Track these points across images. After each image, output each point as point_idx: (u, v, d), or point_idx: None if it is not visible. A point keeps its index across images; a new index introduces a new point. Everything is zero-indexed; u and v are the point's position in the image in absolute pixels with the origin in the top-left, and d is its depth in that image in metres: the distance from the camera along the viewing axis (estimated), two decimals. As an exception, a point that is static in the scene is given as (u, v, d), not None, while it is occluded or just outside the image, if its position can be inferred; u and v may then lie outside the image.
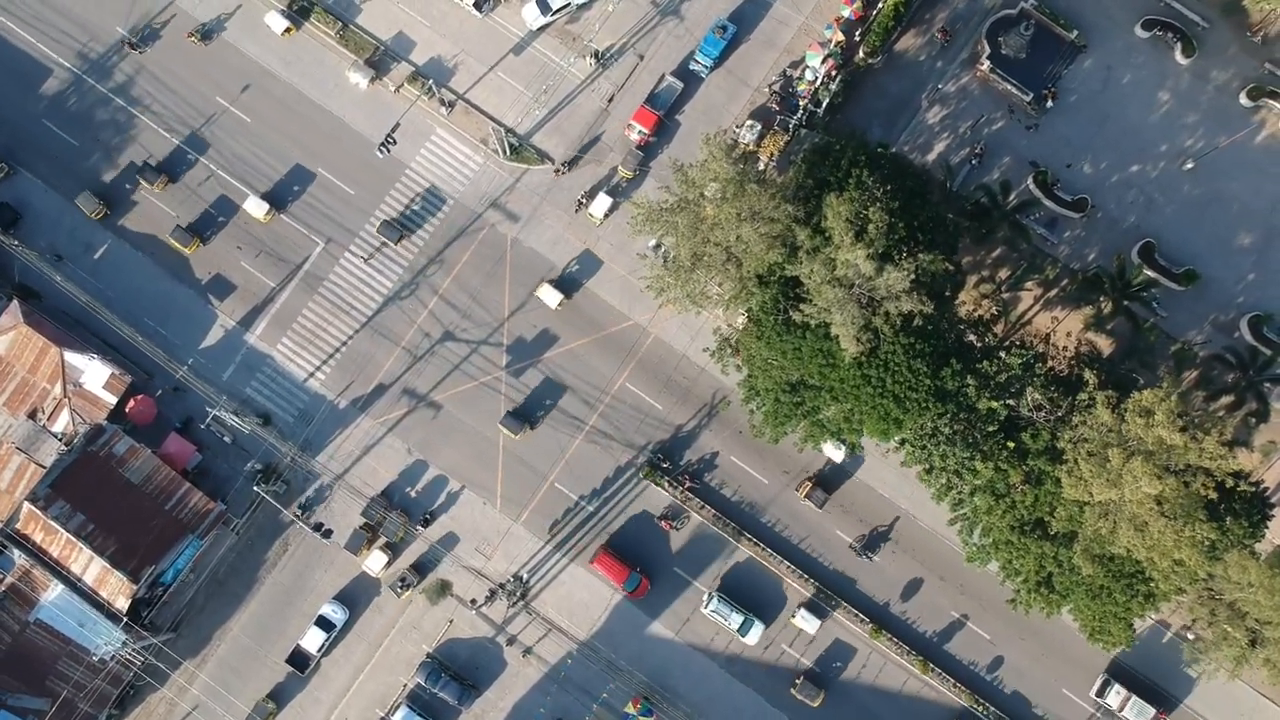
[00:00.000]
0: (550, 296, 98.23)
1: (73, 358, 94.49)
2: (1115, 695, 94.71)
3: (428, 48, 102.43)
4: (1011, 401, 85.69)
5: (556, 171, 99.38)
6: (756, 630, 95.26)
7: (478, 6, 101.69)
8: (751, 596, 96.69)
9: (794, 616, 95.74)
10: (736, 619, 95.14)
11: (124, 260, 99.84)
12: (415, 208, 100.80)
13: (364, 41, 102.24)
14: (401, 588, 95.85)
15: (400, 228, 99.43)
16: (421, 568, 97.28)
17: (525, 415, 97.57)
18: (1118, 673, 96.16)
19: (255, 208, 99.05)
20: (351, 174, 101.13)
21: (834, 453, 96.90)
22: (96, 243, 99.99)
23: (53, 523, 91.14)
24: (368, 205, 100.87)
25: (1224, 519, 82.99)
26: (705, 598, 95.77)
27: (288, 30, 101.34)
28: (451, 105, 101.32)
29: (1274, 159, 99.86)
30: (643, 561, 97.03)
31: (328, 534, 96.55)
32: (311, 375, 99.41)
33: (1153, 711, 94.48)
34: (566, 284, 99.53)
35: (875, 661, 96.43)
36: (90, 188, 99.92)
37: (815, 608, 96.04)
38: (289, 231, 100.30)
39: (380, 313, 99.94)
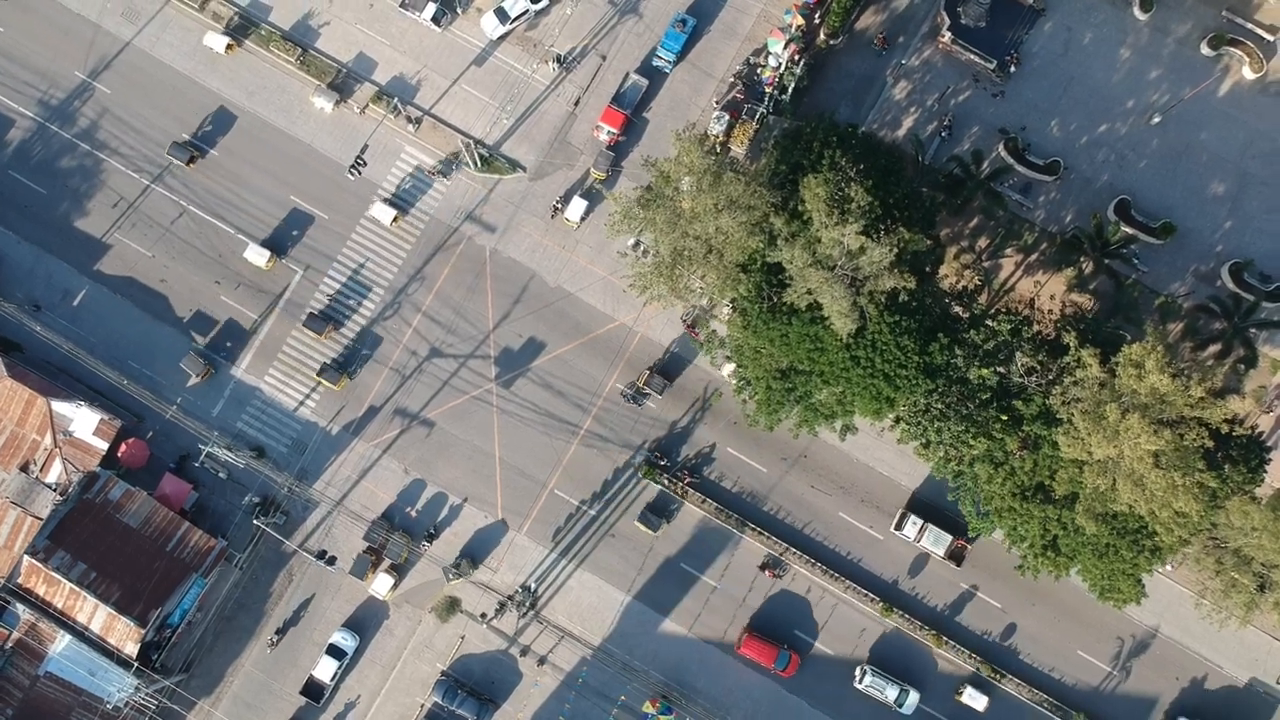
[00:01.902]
0: (384, 213, 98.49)
1: (60, 407, 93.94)
2: (912, 526, 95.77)
3: (389, 66, 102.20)
4: (1001, 370, 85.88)
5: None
6: (913, 700, 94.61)
7: (436, 21, 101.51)
8: (900, 664, 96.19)
9: (960, 694, 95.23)
10: (892, 691, 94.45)
11: (103, 305, 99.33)
12: (390, 227, 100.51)
13: (325, 65, 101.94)
14: (455, 574, 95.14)
15: (189, 148, 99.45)
16: (430, 581, 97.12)
17: (661, 511, 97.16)
18: (914, 506, 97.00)
19: (256, 256, 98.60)
20: (324, 199, 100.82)
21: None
22: (74, 289, 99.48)
23: (55, 574, 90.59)
24: (343, 229, 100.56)
25: (1222, 466, 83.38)
26: (859, 672, 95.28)
27: (229, 47, 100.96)
28: (418, 122, 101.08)
29: (1239, 105, 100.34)
30: (786, 639, 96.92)
31: (332, 561, 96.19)
32: (301, 404, 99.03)
33: (949, 538, 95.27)
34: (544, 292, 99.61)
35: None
36: (65, 236, 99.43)
37: (981, 683, 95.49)
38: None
39: (365, 336, 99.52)
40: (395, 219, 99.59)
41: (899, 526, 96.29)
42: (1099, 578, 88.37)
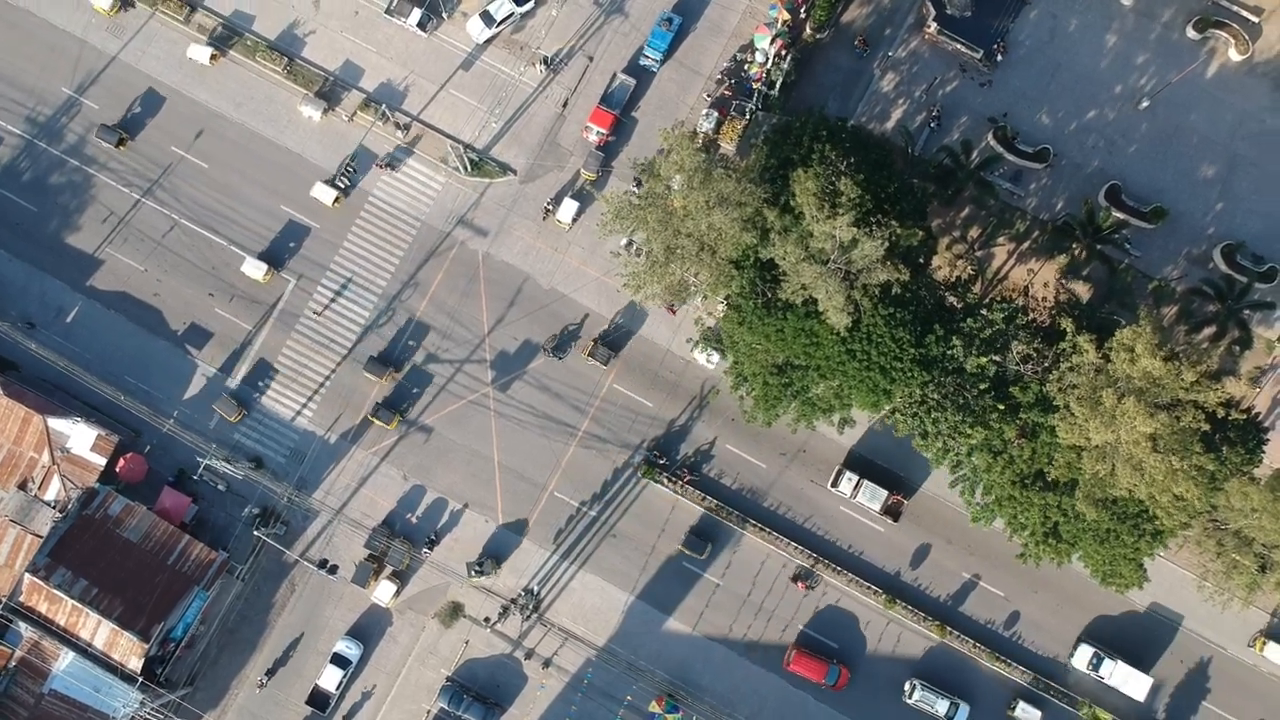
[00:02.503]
0: (325, 194, 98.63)
1: (57, 424, 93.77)
2: (847, 482, 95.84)
3: (377, 73, 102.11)
4: (998, 358, 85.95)
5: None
6: (963, 713, 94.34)
7: (422, 26, 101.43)
8: (948, 677, 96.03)
9: (1013, 709, 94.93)
10: (943, 705, 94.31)
11: (97, 320, 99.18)
12: (383, 232, 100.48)
13: (312, 74, 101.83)
14: (478, 572, 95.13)
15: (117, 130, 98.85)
16: (437, 587, 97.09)
17: (706, 535, 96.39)
18: (850, 462, 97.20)
19: (254, 269, 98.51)
20: (315, 208, 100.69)
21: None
22: (68, 306, 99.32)
23: (56, 591, 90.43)
24: (334, 237, 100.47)
25: (1220, 449, 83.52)
26: (908, 686, 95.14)
27: (214, 57, 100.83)
28: (407, 128, 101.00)
29: (1227, 87, 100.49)
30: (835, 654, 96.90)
31: (333, 570, 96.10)
32: (298, 413, 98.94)
33: (885, 494, 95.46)
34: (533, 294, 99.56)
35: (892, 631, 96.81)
36: (57, 253, 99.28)
37: (1033, 697, 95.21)
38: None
39: (360, 343, 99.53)
40: (336, 200, 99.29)
41: (834, 483, 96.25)
42: (1101, 563, 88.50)
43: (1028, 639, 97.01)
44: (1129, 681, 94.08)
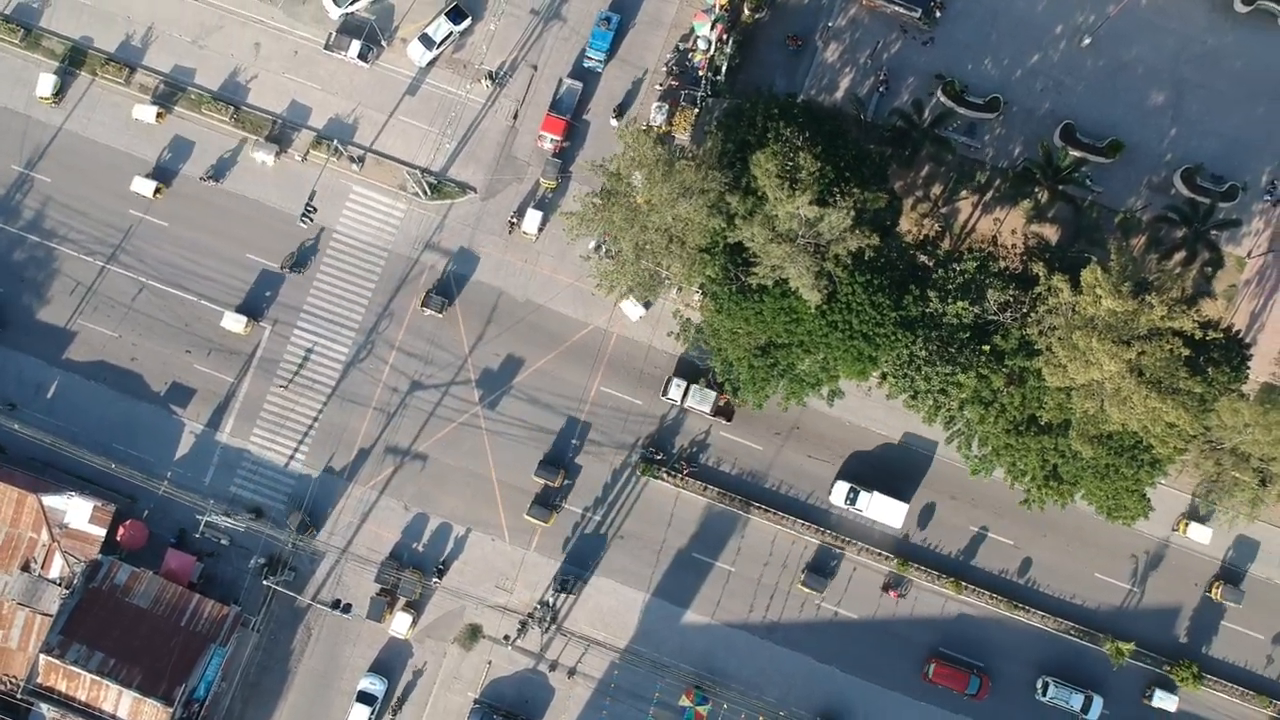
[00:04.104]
0: (144, 186, 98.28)
1: (51, 501, 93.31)
2: (676, 389, 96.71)
3: (324, 110, 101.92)
4: (976, 308, 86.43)
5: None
6: (1097, 706, 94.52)
7: (363, 58, 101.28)
8: (1077, 671, 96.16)
9: (1149, 698, 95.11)
10: (1077, 699, 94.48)
11: (78, 392, 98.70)
12: (352, 267, 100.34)
13: (260, 119, 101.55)
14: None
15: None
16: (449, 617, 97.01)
17: (823, 570, 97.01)
18: (680, 370, 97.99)
19: (233, 323, 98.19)
20: (280, 251, 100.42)
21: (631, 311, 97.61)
22: (46, 382, 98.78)
23: (73, 667, 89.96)
24: (305, 278, 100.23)
25: (1206, 370, 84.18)
26: (1040, 684, 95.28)
27: (160, 115, 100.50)
28: (361, 160, 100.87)
29: (1164, 14, 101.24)
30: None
31: (347, 609, 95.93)
32: (291, 458, 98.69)
33: (714, 395, 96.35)
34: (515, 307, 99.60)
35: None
36: (28, 330, 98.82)
37: (1167, 684, 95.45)
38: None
39: (343, 380, 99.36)
40: (157, 190, 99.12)
41: (665, 392, 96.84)
42: (1104, 499, 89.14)
43: (1043, 583, 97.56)
44: (886, 511, 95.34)
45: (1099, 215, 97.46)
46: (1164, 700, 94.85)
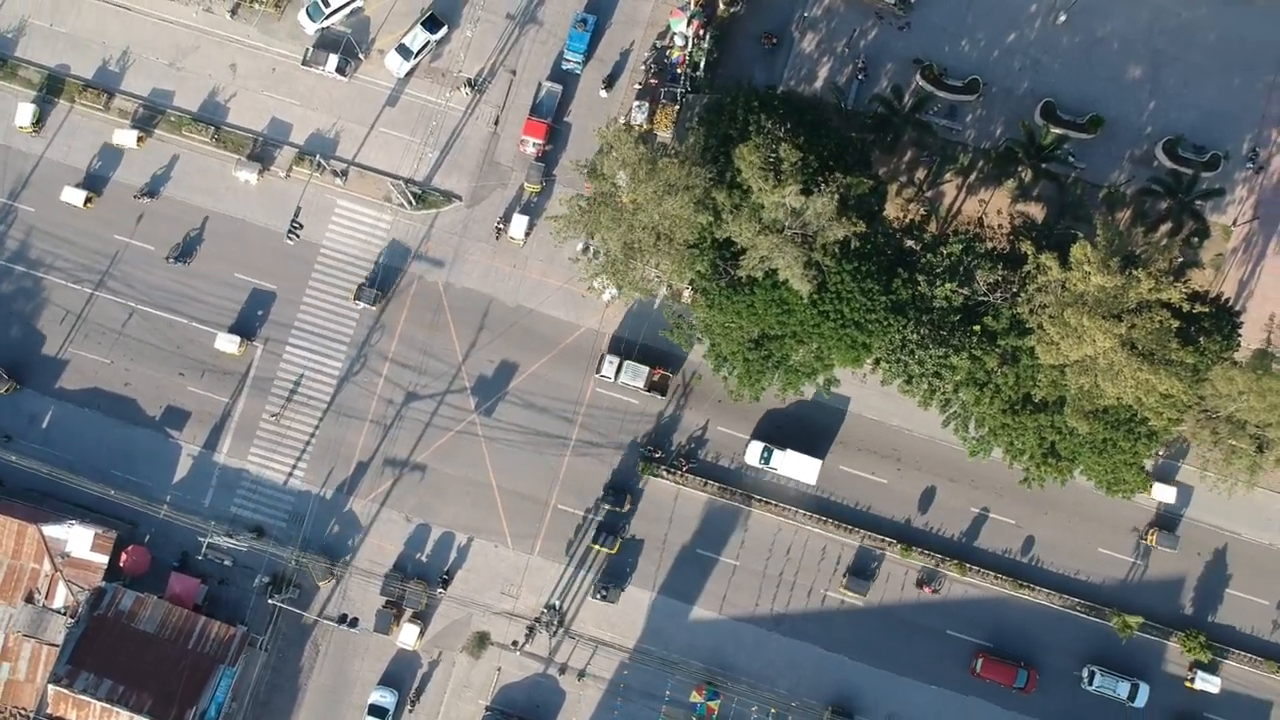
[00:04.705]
0: (75, 196, 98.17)
1: (52, 530, 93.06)
2: (609, 365, 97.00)
3: (305, 125, 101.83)
4: (965, 290, 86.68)
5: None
6: (1144, 693, 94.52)
7: (341, 71, 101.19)
8: (1121, 659, 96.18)
9: (1192, 681, 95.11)
10: (1123, 687, 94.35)
11: (73, 421, 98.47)
12: (341, 281, 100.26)
13: (240, 138, 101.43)
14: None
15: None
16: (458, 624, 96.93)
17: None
18: (612, 347, 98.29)
19: (227, 344, 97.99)
20: (269, 269, 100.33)
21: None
22: (40, 412, 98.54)
23: (82, 696, 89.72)
24: (294, 295, 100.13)
25: (1197, 340, 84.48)
26: (1086, 674, 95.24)
27: (140, 139, 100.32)
28: (345, 174, 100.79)
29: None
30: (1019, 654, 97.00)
31: (354, 623, 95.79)
32: (290, 475, 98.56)
33: (646, 370, 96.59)
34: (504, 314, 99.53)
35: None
36: (20, 361, 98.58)
37: (1209, 665, 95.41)
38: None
39: (338, 395, 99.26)
40: (88, 200, 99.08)
41: (598, 370, 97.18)
42: (1103, 473, 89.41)
43: (1047, 561, 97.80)
44: (799, 468, 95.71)
45: (1083, 191, 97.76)
46: (1206, 682, 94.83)
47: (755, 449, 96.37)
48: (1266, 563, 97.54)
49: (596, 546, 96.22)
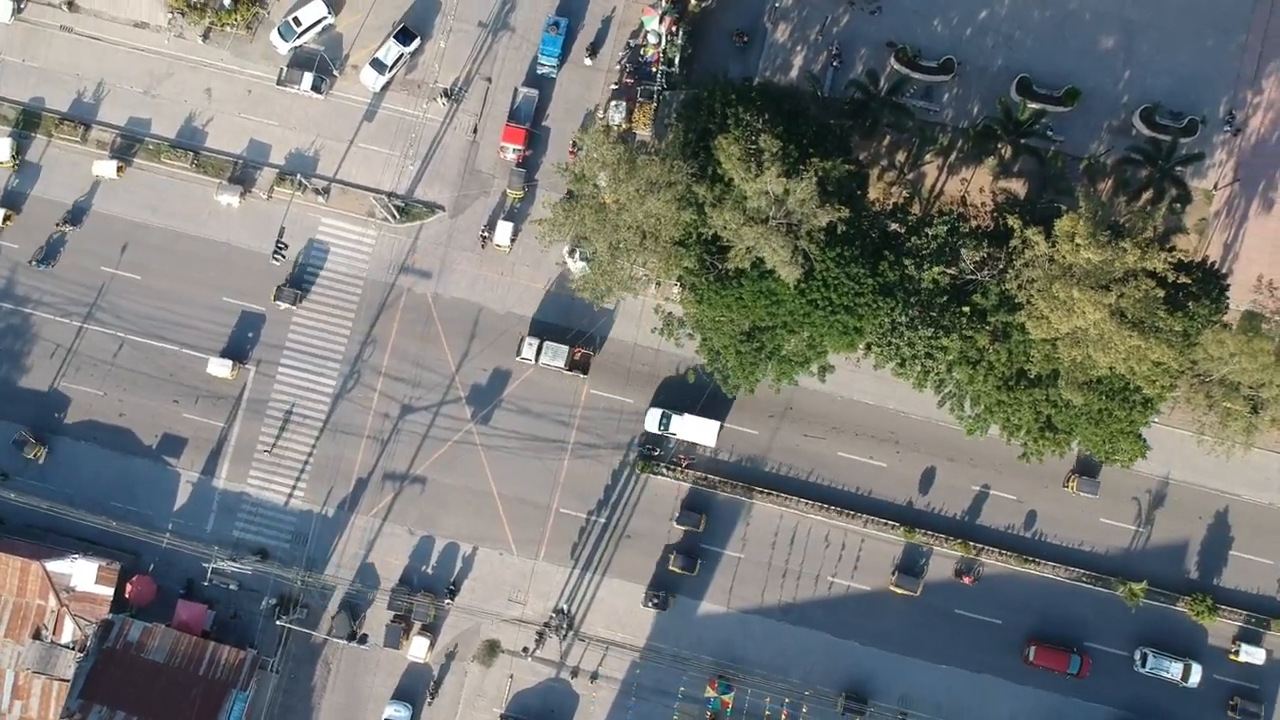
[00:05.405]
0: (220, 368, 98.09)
1: (55, 566, 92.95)
2: (529, 347, 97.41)
3: (284, 145, 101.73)
4: (952, 271, 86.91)
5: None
6: (1197, 672, 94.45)
7: (316, 89, 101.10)
8: (1173, 638, 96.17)
9: (1236, 654, 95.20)
10: (1176, 668, 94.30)
11: (69, 455, 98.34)
12: (329, 299, 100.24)
13: (220, 162, 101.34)
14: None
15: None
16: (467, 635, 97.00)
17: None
18: (533, 330, 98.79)
19: (219, 368, 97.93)
20: (255, 292, 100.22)
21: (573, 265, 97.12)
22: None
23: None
24: (283, 315, 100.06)
25: (1186, 305, 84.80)
26: (1138, 656, 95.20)
27: (120, 169, 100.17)
28: (326, 191, 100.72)
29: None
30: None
31: (364, 639, 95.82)
32: (290, 496, 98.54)
33: (566, 349, 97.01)
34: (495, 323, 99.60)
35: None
36: (12, 399, 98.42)
37: (1251, 636, 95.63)
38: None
39: (334, 412, 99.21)
40: (7, 218, 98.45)
41: (519, 353, 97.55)
42: (1100, 443, 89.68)
43: (1050, 535, 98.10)
44: (698, 431, 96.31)
45: (1064, 164, 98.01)
46: (1251, 654, 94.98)
47: (654, 416, 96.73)
48: (1267, 523, 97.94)
49: (677, 570, 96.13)
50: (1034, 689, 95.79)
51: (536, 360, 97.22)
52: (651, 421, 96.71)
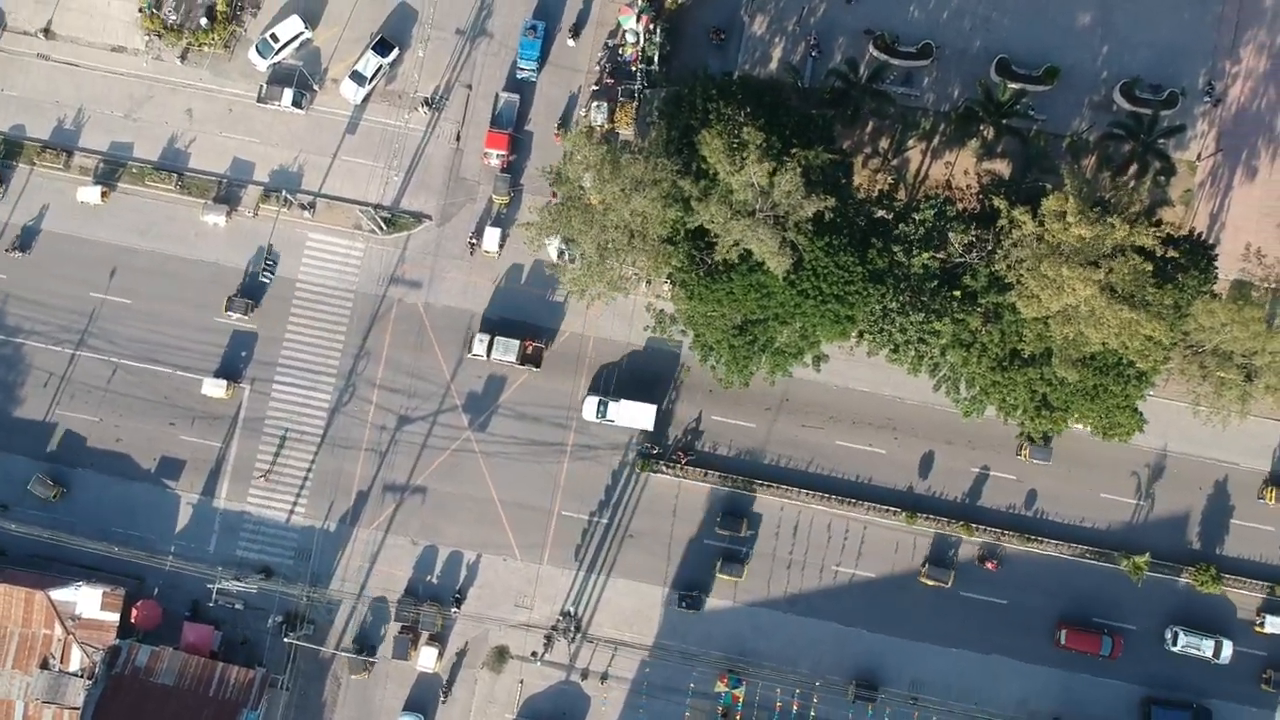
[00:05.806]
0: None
1: (59, 594, 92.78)
2: (480, 344, 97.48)
3: (267, 162, 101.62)
4: (941, 255, 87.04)
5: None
6: (1228, 648, 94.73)
7: (297, 104, 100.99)
8: (1203, 618, 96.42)
9: (1261, 626, 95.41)
10: (1208, 645, 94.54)
11: (68, 481, 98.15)
12: (320, 313, 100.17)
13: (204, 182, 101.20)
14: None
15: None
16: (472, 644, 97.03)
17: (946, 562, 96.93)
18: (484, 326, 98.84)
19: (214, 388, 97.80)
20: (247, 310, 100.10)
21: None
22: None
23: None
24: (275, 332, 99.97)
25: (1175, 277, 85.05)
26: (1169, 635, 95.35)
27: (104, 194, 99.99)
28: (312, 206, 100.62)
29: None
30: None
31: (372, 652, 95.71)
32: (291, 512, 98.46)
33: (518, 343, 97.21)
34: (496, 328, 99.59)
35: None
36: (7, 429, 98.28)
37: (1275, 607, 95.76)
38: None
39: (331, 427, 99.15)
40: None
41: (469, 350, 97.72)
42: (1097, 419, 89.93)
43: (1051, 512, 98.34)
44: (636, 416, 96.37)
45: (1047, 143, 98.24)
46: (1276, 625, 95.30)
47: (591, 404, 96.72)
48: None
49: (724, 576, 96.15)
50: (1045, 668, 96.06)
51: (488, 356, 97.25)
52: (589, 411, 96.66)
